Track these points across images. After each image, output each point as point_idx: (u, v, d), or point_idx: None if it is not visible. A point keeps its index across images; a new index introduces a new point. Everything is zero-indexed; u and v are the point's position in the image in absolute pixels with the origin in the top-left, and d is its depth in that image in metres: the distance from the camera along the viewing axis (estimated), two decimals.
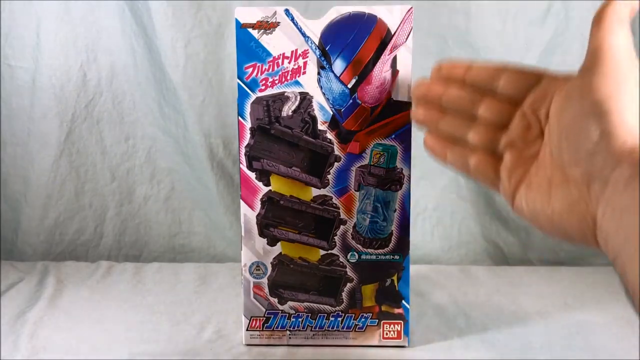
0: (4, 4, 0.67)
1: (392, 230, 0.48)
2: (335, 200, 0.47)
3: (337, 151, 0.46)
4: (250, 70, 0.45)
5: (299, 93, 0.46)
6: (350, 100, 0.45)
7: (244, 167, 0.47)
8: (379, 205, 0.47)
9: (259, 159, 0.46)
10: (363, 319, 0.49)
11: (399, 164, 0.47)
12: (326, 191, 0.47)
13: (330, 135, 0.46)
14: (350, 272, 0.48)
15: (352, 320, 0.49)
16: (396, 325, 0.49)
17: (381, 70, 0.45)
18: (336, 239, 0.48)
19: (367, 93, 0.45)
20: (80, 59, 0.69)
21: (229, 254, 0.73)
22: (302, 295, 0.49)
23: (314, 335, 0.49)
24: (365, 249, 0.48)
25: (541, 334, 0.54)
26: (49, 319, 0.55)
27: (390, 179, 0.47)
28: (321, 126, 0.46)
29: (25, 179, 0.71)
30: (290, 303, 0.49)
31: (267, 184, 0.47)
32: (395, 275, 0.49)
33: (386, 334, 0.49)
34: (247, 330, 0.49)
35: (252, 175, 0.47)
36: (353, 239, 0.48)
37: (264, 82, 0.45)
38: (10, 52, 0.68)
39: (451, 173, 0.72)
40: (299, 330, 0.49)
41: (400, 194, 0.48)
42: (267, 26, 0.44)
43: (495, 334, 0.53)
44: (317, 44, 0.45)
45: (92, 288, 0.63)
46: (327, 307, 0.49)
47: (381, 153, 0.46)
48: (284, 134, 0.46)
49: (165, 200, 0.73)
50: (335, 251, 0.48)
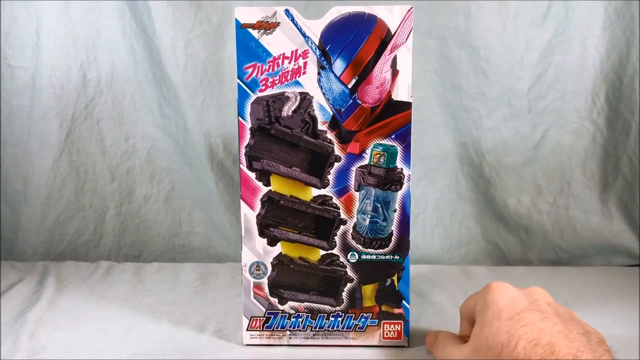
0: (4, 4, 0.67)
1: (392, 230, 0.48)
2: (335, 200, 0.47)
3: (337, 151, 0.46)
4: (250, 70, 0.45)
5: (299, 93, 0.46)
6: (351, 100, 0.45)
7: (244, 167, 0.47)
8: (379, 205, 0.47)
9: (259, 159, 0.46)
10: (363, 319, 0.49)
11: (399, 164, 0.47)
12: (326, 191, 0.47)
13: (330, 135, 0.46)
14: (350, 272, 0.48)
15: (352, 320, 0.49)
16: (396, 325, 0.49)
17: (381, 70, 0.45)
18: (336, 239, 0.48)
19: (367, 93, 0.45)
20: (80, 59, 0.69)
21: (229, 254, 0.73)
22: (302, 295, 0.49)
23: (314, 335, 0.49)
24: (365, 249, 0.48)
25: None
26: (49, 319, 0.55)
27: (390, 179, 0.47)
28: (321, 126, 0.46)
29: (25, 179, 0.71)
30: (291, 303, 0.49)
31: (267, 184, 0.47)
32: (396, 275, 0.49)
33: (386, 334, 0.49)
34: (247, 330, 0.49)
35: (252, 175, 0.47)
36: (353, 239, 0.48)
37: (264, 82, 0.45)
38: (10, 52, 0.68)
39: (451, 173, 0.73)
40: (299, 330, 0.49)
41: (400, 194, 0.48)
42: (267, 26, 0.44)
43: None
44: (317, 44, 0.45)
45: (92, 288, 0.63)
46: (327, 307, 0.49)
47: (381, 153, 0.46)
48: (284, 134, 0.46)
49: (165, 200, 0.73)
50: (335, 251, 0.48)
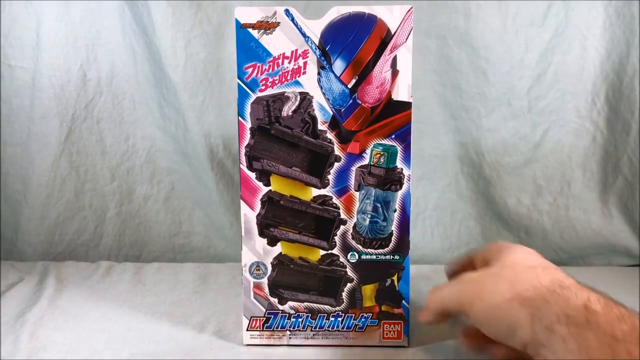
0: (4, 4, 0.67)
1: (392, 231, 0.48)
2: (335, 200, 0.47)
3: (337, 151, 0.46)
4: (250, 70, 0.45)
5: (299, 93, 0.46)
6: (351, 100, 0.45)
7: (244, 167, 0.47)
8: (379, 205, 0.47)
9: (259, 159, 0.46)
10: (363, 319, 0.49)
11: (399, 164, 0.47)
12: (326, 191, 0.47)
13: (330, 135, 0.46)
14: (350, 272, 0.48)
15: (352, 320, 0.49)
16: (396, 325, 0.49)
17: (381, 70, 0.45)
18: (336, 239, 0.48)
19: (367, 93, 0.45)
20: (80, 59, 0.69)
21: (229, 254, 0.73)
22: (302, 295, 0.49)
23: (314, 335, 0.49)
24: (365, 249, 0.48)
25: None
26: (49, 319, 0.55)
27: (390, 179, 0.47)
28: (321, 126, 0.46)
29: (25, 179, 0.71)
30: (291, 303, 0.49)
31: (267, 184, 0.47)
32: (395, 275, 0.49)
33: (386, 334, 0.49)
34: (247, 330, 0.49)
35: (252, 175, 0.47)
36: (353, 239, 0.48)
37: (264, 82, 0.45)
38: (10, 52, 0.68)
39: (451, 173, 0.73)
40: (299, 330, 0.49)
41: (400, 194, 0.48)
42: (267, 26, 0.44)
43: None
44: (317, 44, 0.45)
45: (92, 288, 0.63)
46: (328, 307, 0.49)
47: (381, 153, 0.46)
48: (284, 134, 0.46)
49: (165, 200, 0.73)
50: (335, 251, 0.48)
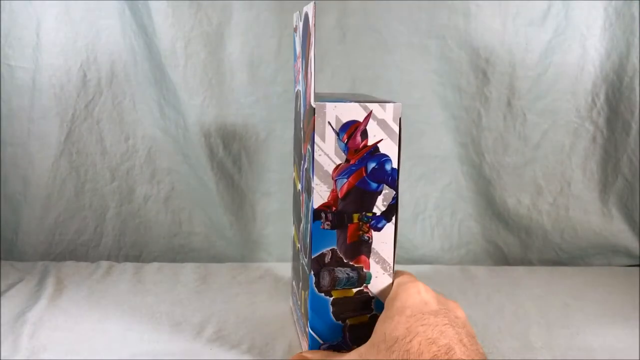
0: (4, 4, 0.67)
1: None
2: None
3: None
4: None
5: None
6: None
7: None
8: None
9: None
10: None
11: None
12: None
13: None
14: None
15: None
16: None
17: None
18: None
19: None
20: (80, 59, 0.69)
21: (229, 254, 0.73)
22: None
23: None
24: None
25: (541, 334, 0.54)
26: (49, 319, 0.55)
27: None
28: None
29: (25, 179, 0.71)
30: None
31: None
32: None
33: None
34: None
35: None
36: None
37: None
38: (10, 52, 0.68)
39: (451, 173, 0.73)
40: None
41: None
42: None
43: (495, 333, 0.53)
44: None
45: (92, 288, 0.63)
46: None
47: None
48: None
49: (165, 200, 0.73)
50: None
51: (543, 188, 0.72)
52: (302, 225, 0.49)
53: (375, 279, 0.46)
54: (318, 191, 0.44)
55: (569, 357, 0.49)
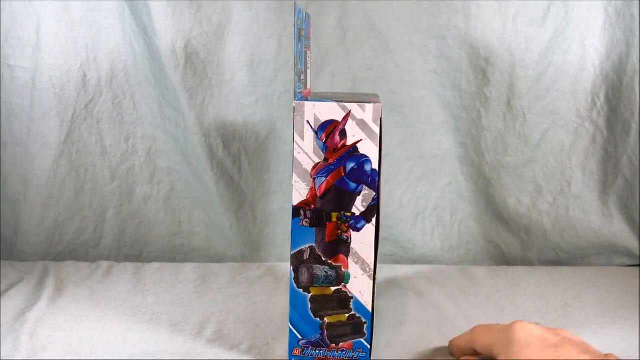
0: (4, 4, 0.67)
1: None
2: None
3: None
4: None
5: None
6: None
7: None
8: None
9: None
10: None
11: None
12: None
13: None
14: None
15: None
16: None
17: None
18: None
19: None
20: (80, 59, 0.69)
21: (229, 254, 0.73)
22: None
23: None
24: None
25: None
26: (49, 319, 0.55)
27: None
28: None
29: (25, 179, 0.71)
30: None
31: None
32: None
33: None
34: None
35: None
36: None
37: None
38: (10, 52, 0.68)
39: (451, 173, 0.73)
40: None
41: None
42: None
43: None
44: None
45: (92, 288, 0.63)
46: None
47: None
48: None
49: (165, 200, 0.73)
50: None
51: (543, 188, 0.72)
52: None
53: (354, 279, 0.46)
54: (297, 189, 0.45)
55: None
